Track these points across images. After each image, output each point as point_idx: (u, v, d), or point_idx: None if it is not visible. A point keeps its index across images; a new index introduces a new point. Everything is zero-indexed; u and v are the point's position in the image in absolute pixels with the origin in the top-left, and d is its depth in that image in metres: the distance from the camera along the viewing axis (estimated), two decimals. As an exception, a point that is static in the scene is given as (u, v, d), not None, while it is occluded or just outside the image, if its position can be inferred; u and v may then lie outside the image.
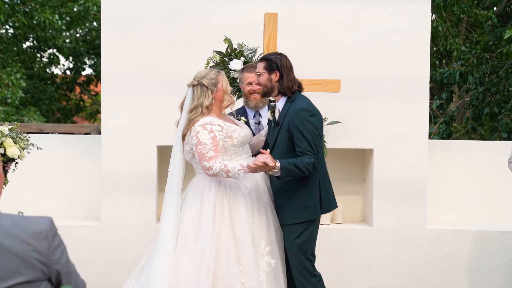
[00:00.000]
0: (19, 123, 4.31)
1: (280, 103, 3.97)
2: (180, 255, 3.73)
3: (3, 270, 2.00)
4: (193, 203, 3.83)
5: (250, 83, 4.41)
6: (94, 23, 16.19)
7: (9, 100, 12.85)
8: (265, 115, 4.48)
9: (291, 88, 3.91)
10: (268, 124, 4.24)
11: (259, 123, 4.49)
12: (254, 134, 4.26)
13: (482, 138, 10.54)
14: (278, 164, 3.68)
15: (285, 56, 4.00)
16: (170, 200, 3.86)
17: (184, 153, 3.91)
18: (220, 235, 3.74)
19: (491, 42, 9.45)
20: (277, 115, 4.00)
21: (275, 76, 3.91)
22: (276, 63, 3.91)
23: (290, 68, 3.96)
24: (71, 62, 17.43)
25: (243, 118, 4.35)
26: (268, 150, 3.79)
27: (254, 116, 4.52)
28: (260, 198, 3.90)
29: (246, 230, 3.76)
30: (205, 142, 3.72)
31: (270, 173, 3.75)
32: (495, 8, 11.01)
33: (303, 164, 3.72)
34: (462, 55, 9.72)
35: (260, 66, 3.97)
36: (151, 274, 3.73)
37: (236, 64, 4.57)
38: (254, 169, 3.66)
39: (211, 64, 4.62)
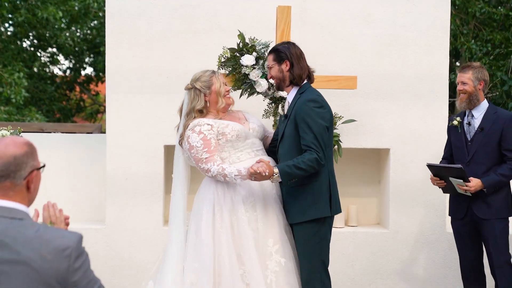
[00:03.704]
0: (21, 129, 4.16)
1: (290, 96, 3.85)
2: (189, 260, 3.68)
3: (18, 282, 1.89)
4: (196, 204, 3.80)
5: (458, 83, 4.30)
6: (95, 22, 16.01)
7: (13, 100, 12.65)
8: (477, 115, 4.26)
9: (301, 75, 3.80)
10: (279, 119, 4.10)
11: (468, 123, 4.28)
12: (464, 135, 4.23)
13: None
14: (276, 170, 3.55)
15: (293, 44, 3.90)
16: (176, 205, 3.84)
17: (186, 159, 3.86)
18: (220, 235, 3.65)
19: None
20: (286, 107, 3.89)
21: (285, 66, 3.81)
22: (285, 53, 3.81)
23: (300, 55, 3.84)
24: (71, 61, 17.26)
25: (458, 118, 4.26)
26: (267, 158, 3.65)
27: (466, 115, 4.31)
28: (267, 195, 3.76)
29: (246, 227, 3.64)
30: (196, 145, 3.67)
31: (270, 180, 3.59)
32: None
33: (304, 163, 3.55)
34: (474, 54, 9.50)
35: (270, 59, 3.91)
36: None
37: (247, 60, 4.41)
38: (249, 177, 3.55)
39: (222, 60, 4.44)
